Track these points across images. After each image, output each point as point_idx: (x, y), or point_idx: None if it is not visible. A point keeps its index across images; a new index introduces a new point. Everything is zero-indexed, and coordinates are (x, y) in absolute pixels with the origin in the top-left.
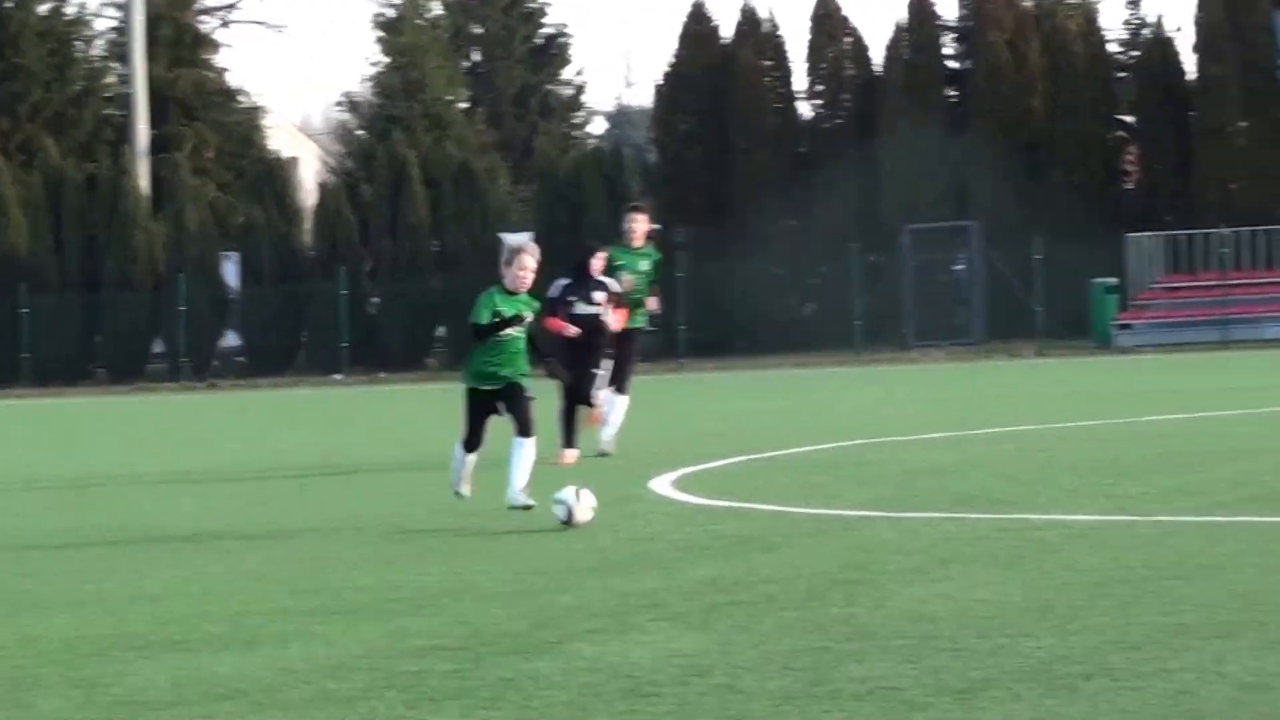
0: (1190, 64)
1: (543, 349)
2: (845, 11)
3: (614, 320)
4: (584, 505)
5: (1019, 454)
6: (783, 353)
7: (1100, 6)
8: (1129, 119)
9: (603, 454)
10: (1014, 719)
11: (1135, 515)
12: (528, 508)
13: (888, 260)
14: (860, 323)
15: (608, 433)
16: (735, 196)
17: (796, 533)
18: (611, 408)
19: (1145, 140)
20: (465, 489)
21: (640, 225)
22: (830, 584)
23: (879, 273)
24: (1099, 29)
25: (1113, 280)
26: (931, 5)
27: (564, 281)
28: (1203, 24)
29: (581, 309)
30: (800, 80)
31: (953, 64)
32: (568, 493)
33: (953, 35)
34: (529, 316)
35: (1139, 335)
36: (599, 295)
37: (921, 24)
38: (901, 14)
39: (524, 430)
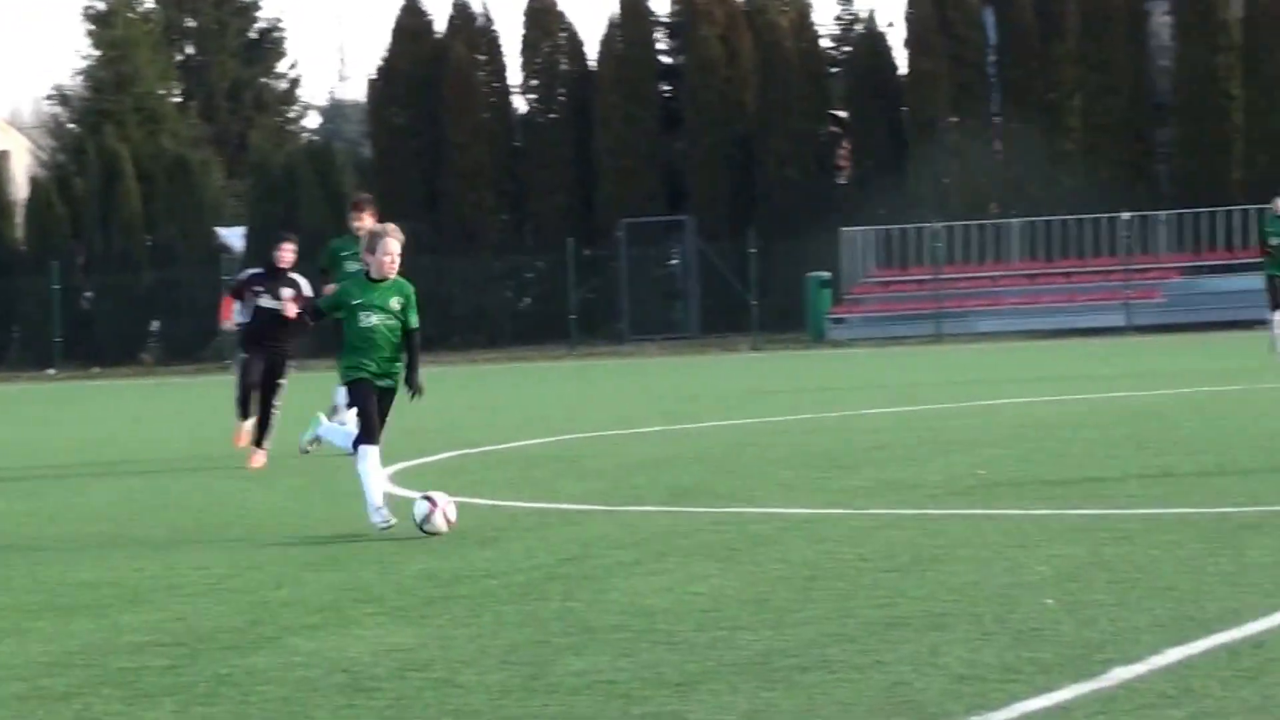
0: (902, 59)
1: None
2: (560, 6)
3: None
4: (444, 513)
5: (735, 448)
6: (498, 347)
7: (812, 2)
8: (842, 114)
9: (305, 452)
10: (731, 711)
11: (850, 509)
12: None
13: (603, 254)
14: (576, 317)
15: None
16: (450, 190)
17: (514, 527)
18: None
19: (858, 135)
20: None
21: (367, 219)
22: (548, 577)
23: (594, 267)
24: (811, 25)
25: (826, 274)
26: (644, 0)
27: (254, 271)
28: (913, 19)
29: (267, 302)
30: (515, 74)
31: (666, 59)
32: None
33: (666, 30)
34: (398, 305)
35: (853, 329)
36: (287, 292)
37: (635, 19)
38: (615, 9)
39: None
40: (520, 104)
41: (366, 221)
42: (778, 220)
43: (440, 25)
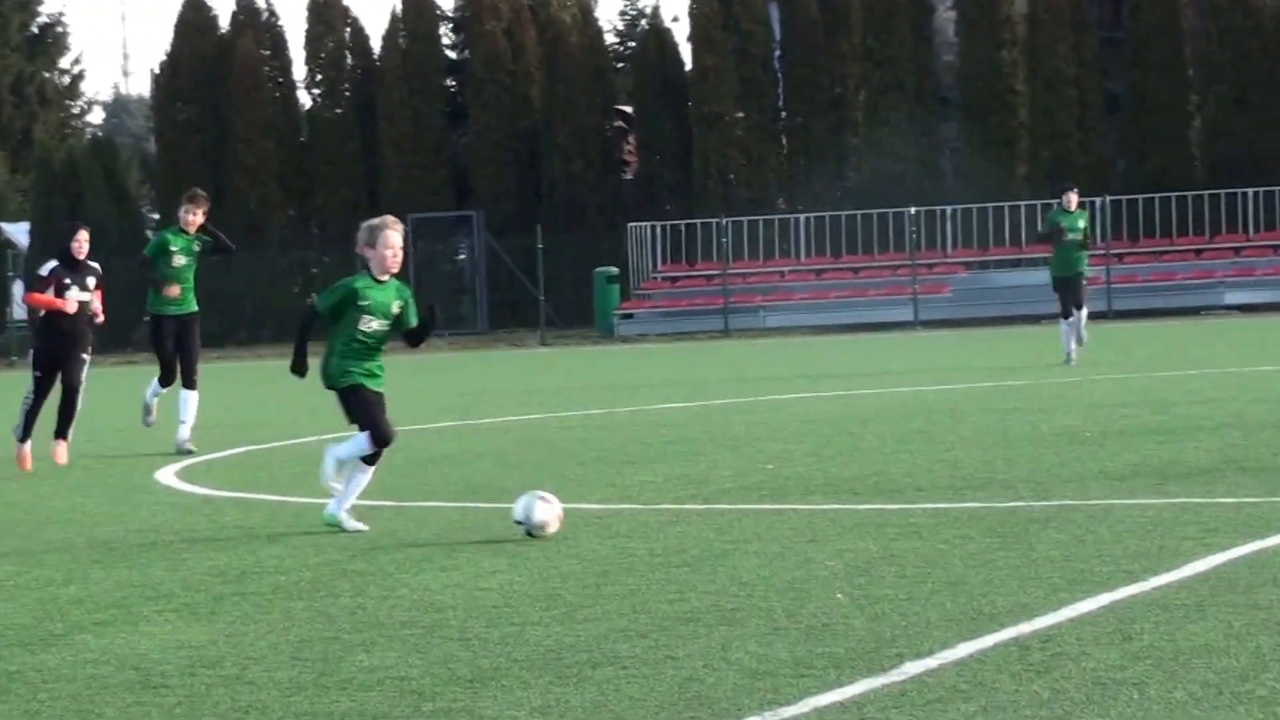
0: (687, 54)
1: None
2: (344, 1)
3: (99, 309)
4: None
5: (524, 443)
6: (285, 342)
7: None
8: (627, 109)
9: (187, 451)
10: (522, 707)
11: (640, 504)
12: (358, 531)
13: None
14: None
15: (184, 431)
16: (235, 185)
17: (303, 523)
18: (185, 405)
19: (644, 130)
20: (337, 485)
21: (198, 215)
22: (338, 574)
23: None
24: (595, 20)
25: (614, 270)
26: None
27: (53, 263)
28: (698, 15)
29: (76, 294)
30: (300, 69)
31: (451, 53)
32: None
33: (450, 25)
34: (397, 309)
35: (641, 324)
36: (91, 280)
37: (419, 13)
38: (399, 3)
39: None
40: (306, 99)
41: (199, 217)
42: (565, 215)
43: (225, 20)
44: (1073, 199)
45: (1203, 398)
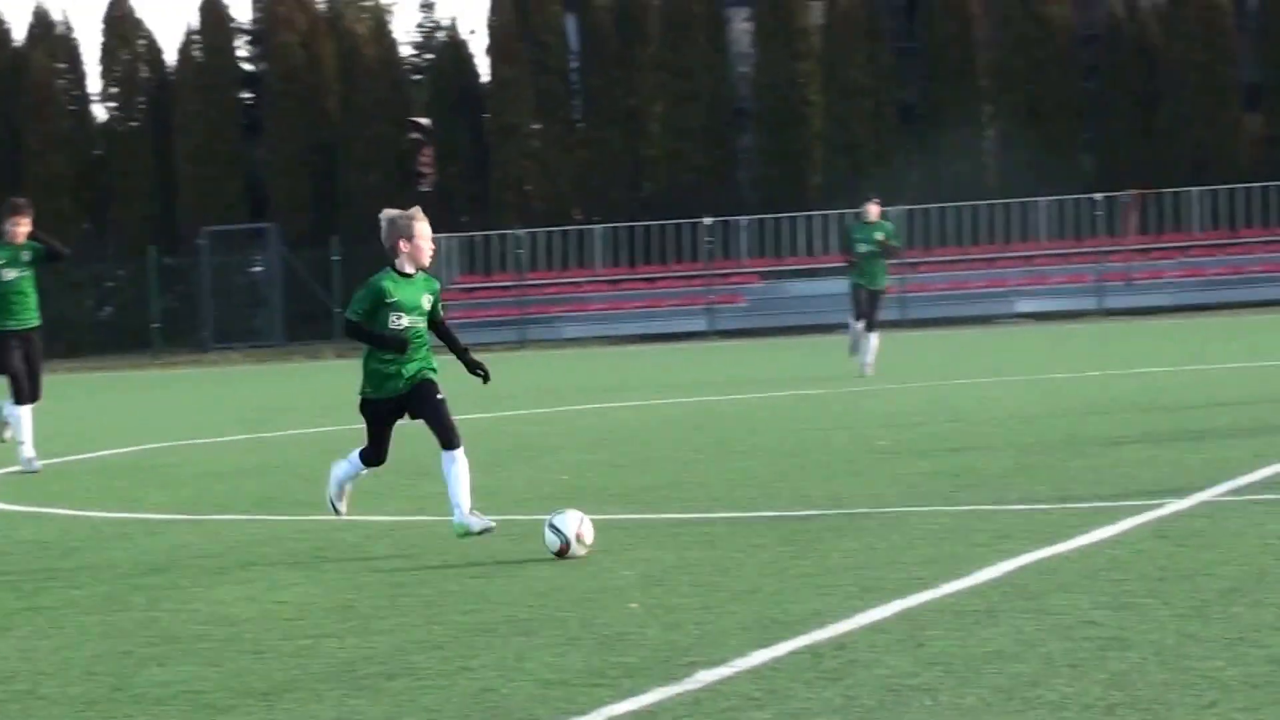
0: (484, 66)
1: None
2: (139, 14)
3: None
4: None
5: (319, 455)
6: (80, 356)
7: (393, 9)
8: (424, 120)
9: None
10: (317, 719)
11: (435, 515)
12: (487, 530)
13: (185, 262)
14: (158, 325)
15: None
16: (29, 200)
17: (97, 536)
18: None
19: (440, 141)
20: (343, 507)
21: (24, 226)
22: (132, 588)
23: (177, 275)
24: (391, 32)
25: None
26: (224, 7)
27: None
28: (495, 27)
29: None
30: (95, 83)
31: (247, 66)
32: (569, 522)
33: (246, 37)
34: (428, 303)
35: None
36: None
37: (215, 26)
38: (194, 16)
39: (449, 441)
40: (100, 112)
41: (24, 226)
42: (361, 227)
43: (20, 33)
44: (873, 210)
45: (995, 406)
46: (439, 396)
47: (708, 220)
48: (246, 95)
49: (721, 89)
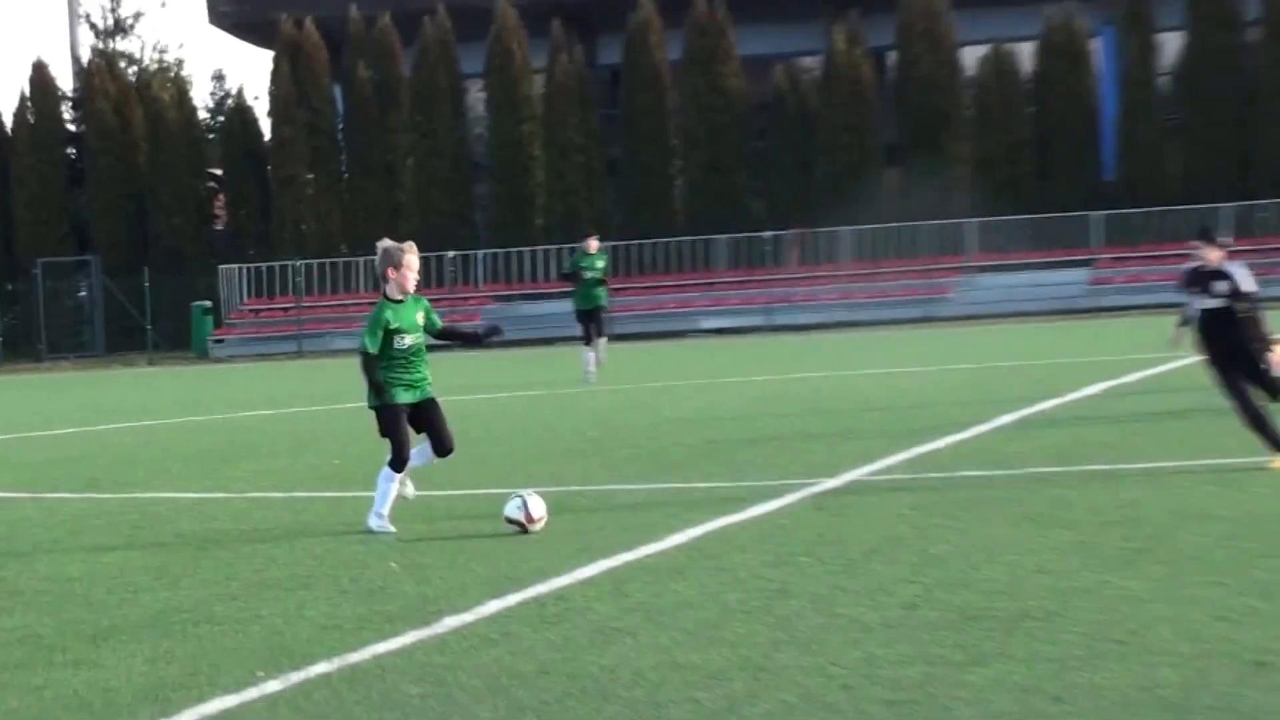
0: (266, 127)
1: None
2: None
3: None
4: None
5: (136, 446)
6: None
7: (191, 80)
8: (218, 172)
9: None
10: (136, 658)
11: (231, 493)
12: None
13: (23, 288)
14: (1, 340)
15: None
16: None
17: None
18: None
19: (232, 190)
20: (410, 489)
21: None
22: None
23: (16, 298)
24: (190, 99)
25: (208, 303)
26: (52, 77)
27: None
28: (275, 94)
29: None
30: None
31: (71, 127)
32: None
33: (70, 102)
34: (422, 319)
35: (231, 348)
36: None
37: (43, 93)
38: (26, 84)
39: (444, 448)
40: None
41: None
42: (168, 259)
43: None
44: (592, 244)
45: (684, 404)
46: (440, 411)
47: (451, 254)
48: (71, 151)
49: (461, 147)
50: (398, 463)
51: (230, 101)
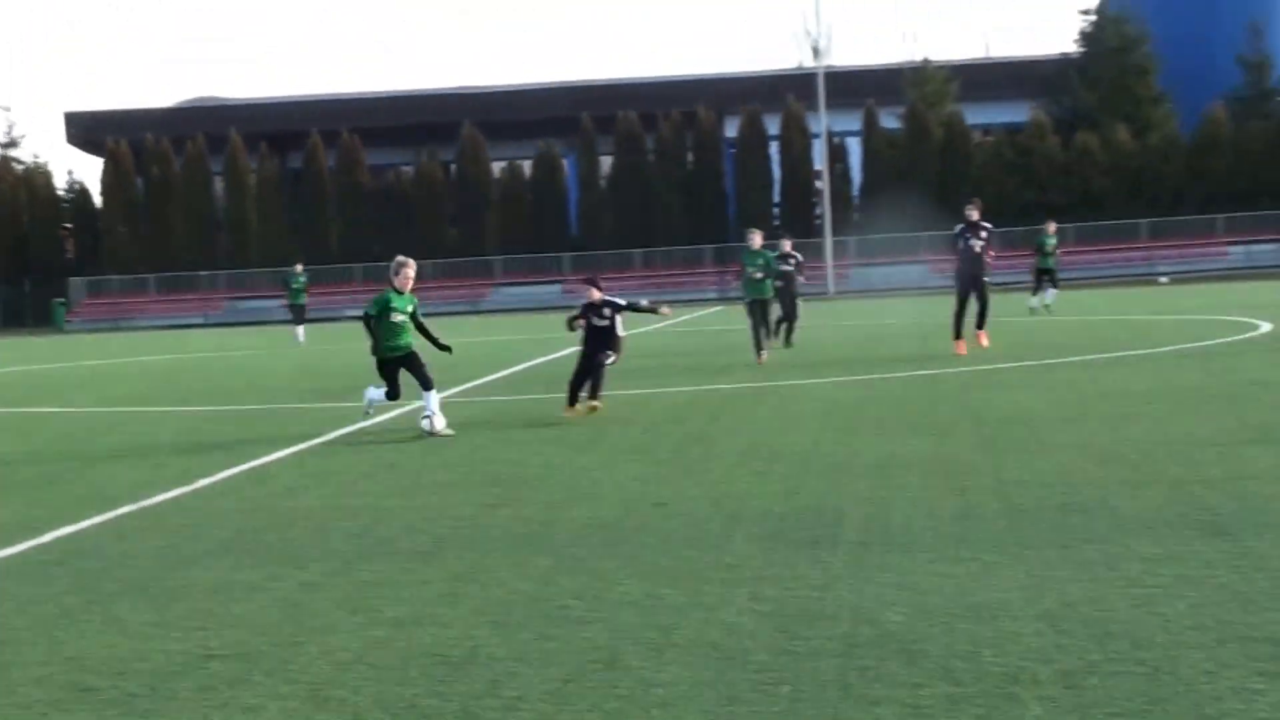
0: (99, 199)
1: None
2: None
3: None
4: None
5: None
6: None
7: (53, 172)
8: (69, 225)
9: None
10: None
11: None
12: (448, 435)
13: None
14: None
15: None
16: None
17: None
18: None
19: (77, 234)
20: (372, 411)
21: None
22: None
23: None
24: (53, 183)
25: (63, 300)
26: None
27: None
28: (104, 181)
29: None
30: None
31: None
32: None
33: None
34: (410, 308)
35: (76, 327)
36: None
37: None
38: None
39: (426, 384)
40: None
41: None
42: (39, 275)
43: None
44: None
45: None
46: (421, 359)
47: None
48: None
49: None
50: (391, 396)
51: (77, 185)
